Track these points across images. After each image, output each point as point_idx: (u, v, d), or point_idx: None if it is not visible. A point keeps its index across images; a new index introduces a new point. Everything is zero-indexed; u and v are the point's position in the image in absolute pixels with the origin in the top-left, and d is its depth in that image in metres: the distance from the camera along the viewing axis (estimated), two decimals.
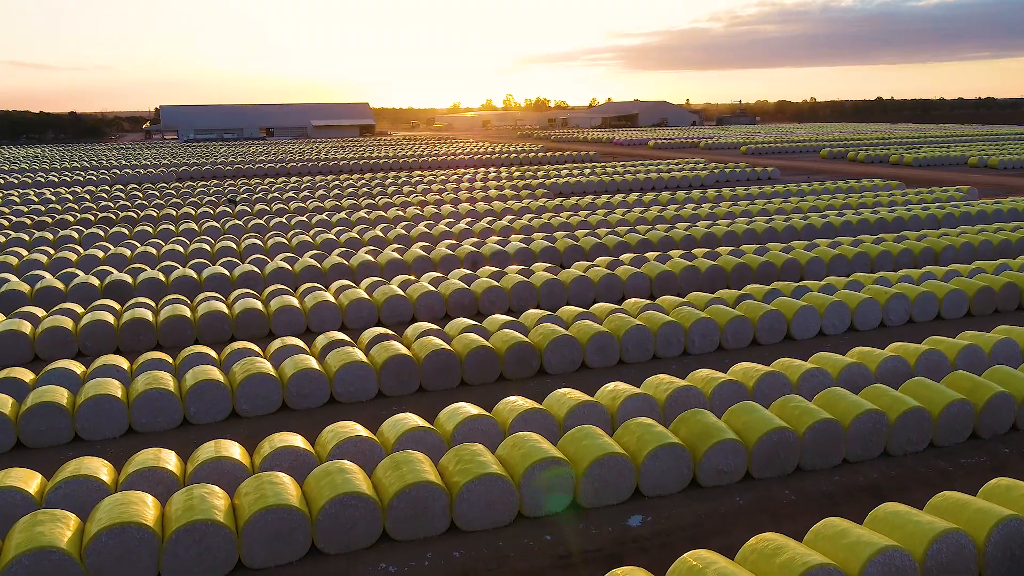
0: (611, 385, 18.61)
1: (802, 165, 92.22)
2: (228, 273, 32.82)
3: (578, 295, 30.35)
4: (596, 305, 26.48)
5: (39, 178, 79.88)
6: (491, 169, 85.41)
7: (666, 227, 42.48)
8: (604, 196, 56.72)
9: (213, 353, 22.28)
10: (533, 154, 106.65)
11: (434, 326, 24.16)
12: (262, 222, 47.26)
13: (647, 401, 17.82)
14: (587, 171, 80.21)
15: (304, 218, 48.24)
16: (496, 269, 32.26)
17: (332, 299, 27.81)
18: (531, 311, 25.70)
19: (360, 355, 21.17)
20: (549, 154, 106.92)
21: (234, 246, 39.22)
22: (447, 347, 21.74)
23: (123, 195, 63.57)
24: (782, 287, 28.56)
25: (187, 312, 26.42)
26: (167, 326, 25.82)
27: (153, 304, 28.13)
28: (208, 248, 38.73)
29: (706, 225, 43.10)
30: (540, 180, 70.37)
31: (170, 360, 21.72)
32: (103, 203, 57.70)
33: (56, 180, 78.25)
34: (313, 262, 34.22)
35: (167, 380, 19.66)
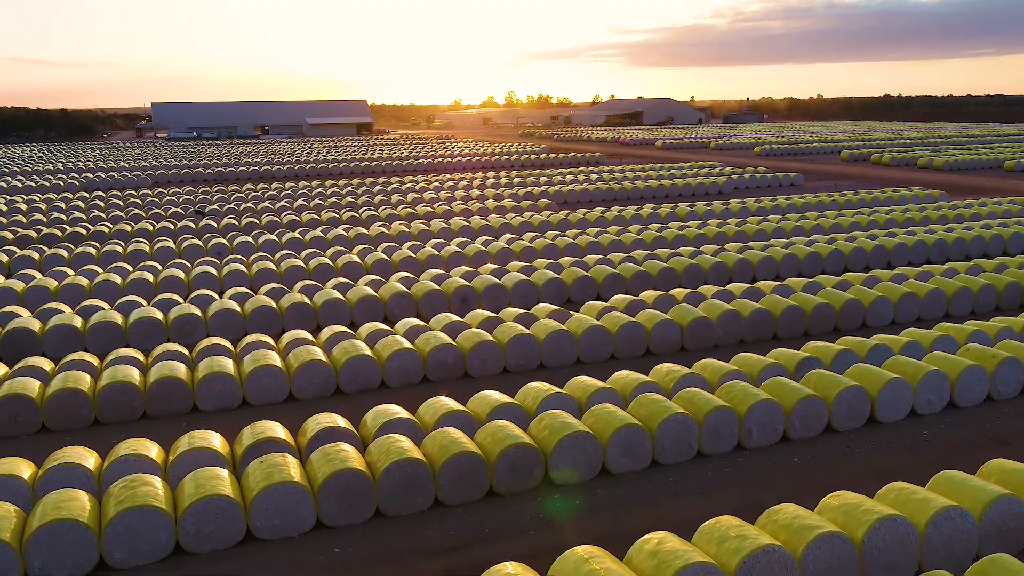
0: (653, 539, 12.46)
1: (824, 168, 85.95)
2: (161, 317, 26.72)
3: (592, 349, 24.20)
4: (618, 375, 20.29)
5: (1, 183, 73.71)
6: (490, 173, 79.27)
7: (691, 251, 36.27)
8: (615, 208, 50.54)
9: (91, 461, 16.10)
10: (535, 155, 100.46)
11: (401, 412, 17.95)
12: (224, 241, 41.15)
13: (710, 575, 11.67)
14: (593, 176, 74.07)
15: (274, 236, 42.12)
16: (490, 314, 26.05)
17: (277, 362, 21.64)
18: (533, 385, 19.52)
19: (292, 471, 15.03)
20: (552, 156, 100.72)
21: (182, 276, 33.07)
22: (416, 456, 15.59)
23: (83, 205, 57.48)
24: (854, 345, 22.33)
25: (84, 384, 20.27)
26: (56, 403, 19.71)
27: (49, 367, 22.02)
28: (151, 278, 32.61)
29: (737, 249, 36.88)
30: (543, 188, 64.20)
31: (26, 477, 15.51)
32: (55, 216, 51.57)
33: (20, 186, 72.08)
34: (268, 301, 28.10)
35: (6, 519, 13.54)
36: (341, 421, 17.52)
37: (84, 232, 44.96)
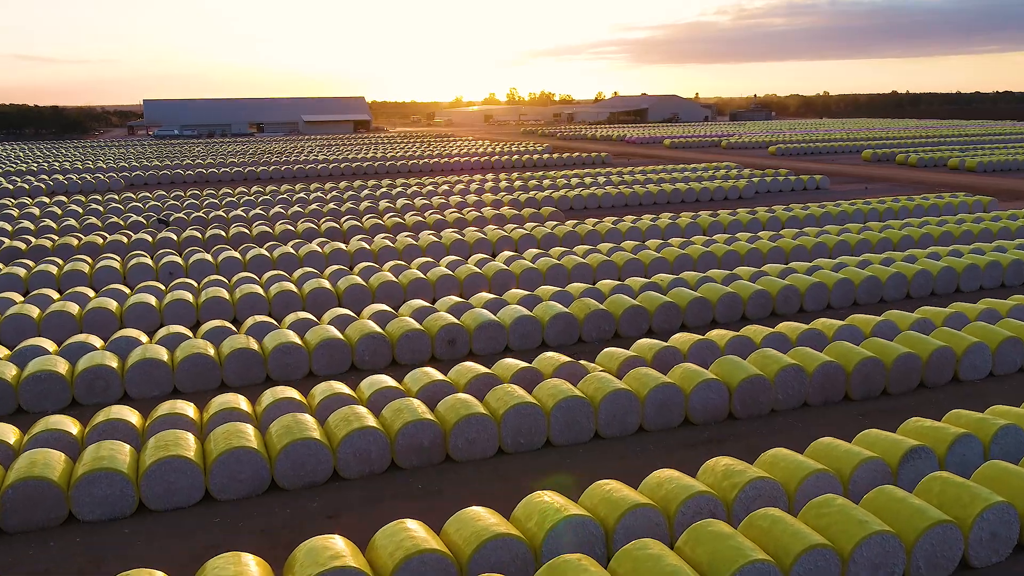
0: None
1: (848, 170, 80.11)
2: (66, 370, 21.04)
3: (615, 421, 18.50)
4: (658, 480, 14.51)
5: None
6: (489, 175, 73.43)
7: (724, 275, 30.55)
8: (628, 218, 44.78)
9: None
10: (538, 155, 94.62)
11: (344, 557, 12.15)
12: (179, 260, 35.42)
13: None
14: (601, 178, 68.38)
15: (237, 253, 36.41)
16: (483, 371, 20.27)
17: (190, 451, 15.90)
18: (540, 499, 13.75)
19: None
20: (556, 156, 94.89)
21: (114, 308, 27.38)
22: None
23: (37, 213, 51.74)
24: (972, 426, 16.54)
25: None
26: None
27: None
28: (75, 311, 26.92)
29: (778, 272, 31.16)
30: (547, 192, 58.40)
31: None
32: (0, 226, 45.88)
33: None
34: (206, 348, 22.38)
35: None
36: (253, 568, 11.79)
37: (23, 247, 39.24)
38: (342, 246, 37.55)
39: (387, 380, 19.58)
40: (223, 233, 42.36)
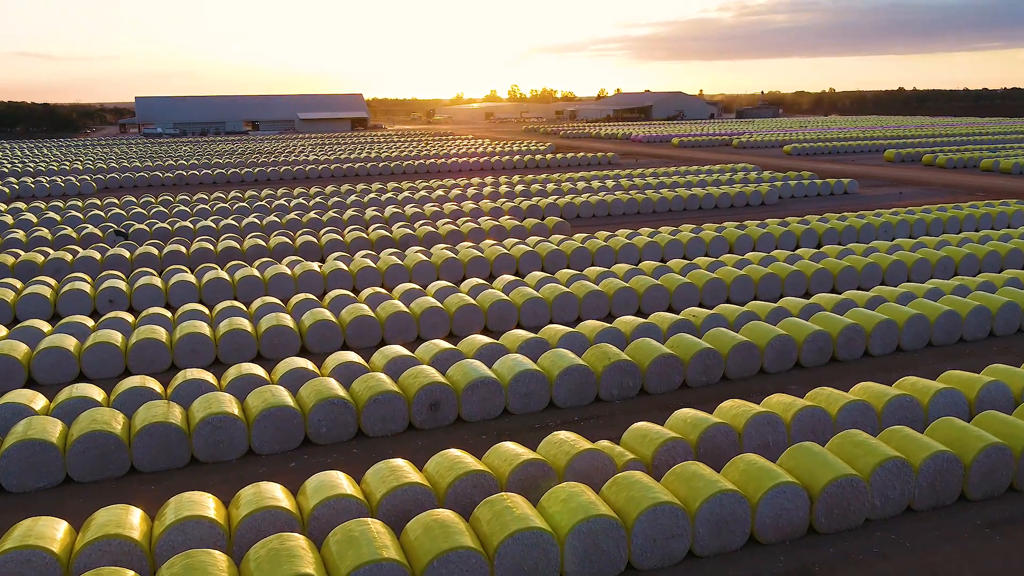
0: None
1: (874, 172, 74.66)
2: None
3: (655, 546, 13.21)
4: None
5: None
6: (488, 178, 68.05)
7: (769, 309, 25.24)
8: (644, 230, 39.42)
9: None
10: (541, 155, 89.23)
11: None
12: (123, 285, 30.16)
13: None
14: (609, 182, 63.04)
15: (192, 277, 31.17)
16: (472, 467, 14.95)
17: None
18: None
19: None
20: (559, 156, 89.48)
21: (21, 354, 22.13)
22: None
23: None
24: None
25: None
26: None
27: None
28: None
29: (834, 305, 25.90)
30: (551, 199, 52.91)
31: None
32: None
33: None
34: (109, 421, 17.13)
35: None
36: None
37: None
38: (316, 268, 32.22)
39: (341, 485, 14.23)
40: (184, 250, 37.01)
